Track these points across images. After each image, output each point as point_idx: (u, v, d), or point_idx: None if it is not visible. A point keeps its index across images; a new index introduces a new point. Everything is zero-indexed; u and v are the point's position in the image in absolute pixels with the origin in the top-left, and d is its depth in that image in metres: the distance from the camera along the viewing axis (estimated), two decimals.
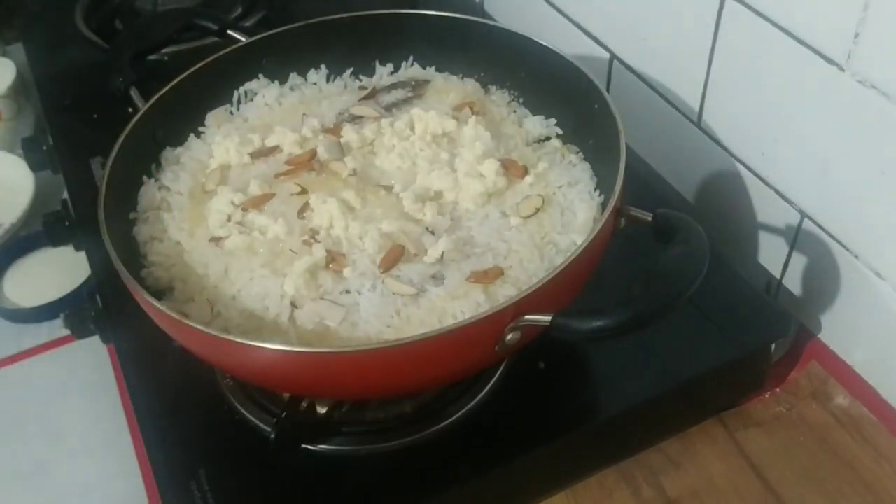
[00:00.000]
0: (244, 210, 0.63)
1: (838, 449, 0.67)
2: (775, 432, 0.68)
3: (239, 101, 0.74)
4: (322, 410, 0.61)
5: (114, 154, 0.63)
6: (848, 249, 0.66)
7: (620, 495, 0.65)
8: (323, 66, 0.76)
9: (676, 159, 0.83)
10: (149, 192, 0.66)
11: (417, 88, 0.73)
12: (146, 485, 0.69)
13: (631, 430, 0.67)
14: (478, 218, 0.62)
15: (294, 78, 0.76)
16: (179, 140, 0.71)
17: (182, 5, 1.03)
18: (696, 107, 0.76)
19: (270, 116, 0.73)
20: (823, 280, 0.69)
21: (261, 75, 0.75)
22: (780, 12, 0.64)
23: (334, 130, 0.69)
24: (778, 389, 0.71)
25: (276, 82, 0.75)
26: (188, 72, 0.71)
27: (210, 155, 0.69)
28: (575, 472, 0.66)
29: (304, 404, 0.60)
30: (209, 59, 0.72)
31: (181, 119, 0.71)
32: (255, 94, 0.74)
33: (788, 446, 0.67)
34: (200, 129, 0.72)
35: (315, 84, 0.76)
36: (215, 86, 0.73)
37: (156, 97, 0.68)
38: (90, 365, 0.79)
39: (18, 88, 1.01)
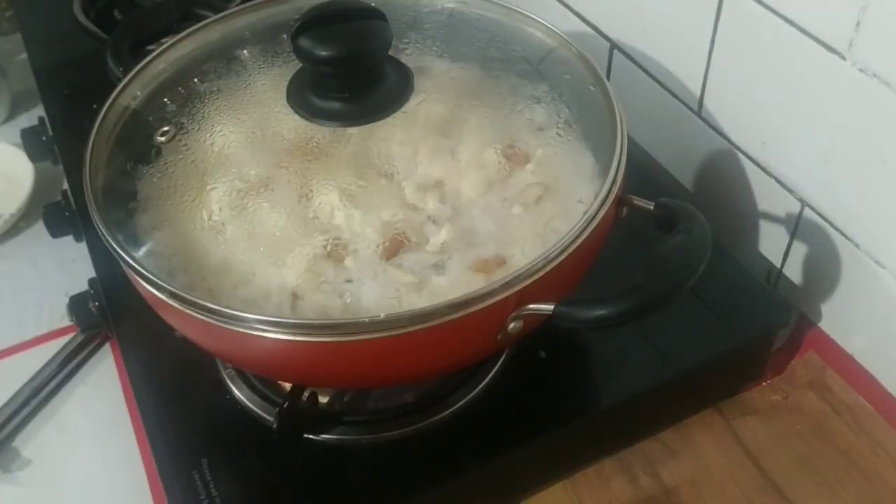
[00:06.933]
0: (244, 198, 0.63)
1: (834, 437, 0.67)
2: (772, 421, 0.68)
3: None
4: (324, 400, 0.61)
5: (111, 142, 0.63)
6: (849, 238, 0.66)
7: (618, 484, 0.65)
8: None
9: (677, 148, 0.83)
10: (149, 180, 0.66)
11: (418, 74, 0.73)
12: (148, 475, 0.69)
13: (631, 419, 0.67)
14: (479, 206, 0.62)
15: None
16: None
17: None
18: (697, 95, 0.76)
19: None
20: (824, 269, 0.69)
21: None
22: (781, 1, 0.64)
23: None
24: (775, 378, 0.71)
25: None
26: None
27: (210, 141, 0.68)
28: (574, 462, 0.66)
29: (306, 394, 0.60)
30: None
31: None
32: None
33: (785, 435, 0.67)
34: None
35: None
36: None
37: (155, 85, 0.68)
38: (91, 356, 0.79)
39: None
